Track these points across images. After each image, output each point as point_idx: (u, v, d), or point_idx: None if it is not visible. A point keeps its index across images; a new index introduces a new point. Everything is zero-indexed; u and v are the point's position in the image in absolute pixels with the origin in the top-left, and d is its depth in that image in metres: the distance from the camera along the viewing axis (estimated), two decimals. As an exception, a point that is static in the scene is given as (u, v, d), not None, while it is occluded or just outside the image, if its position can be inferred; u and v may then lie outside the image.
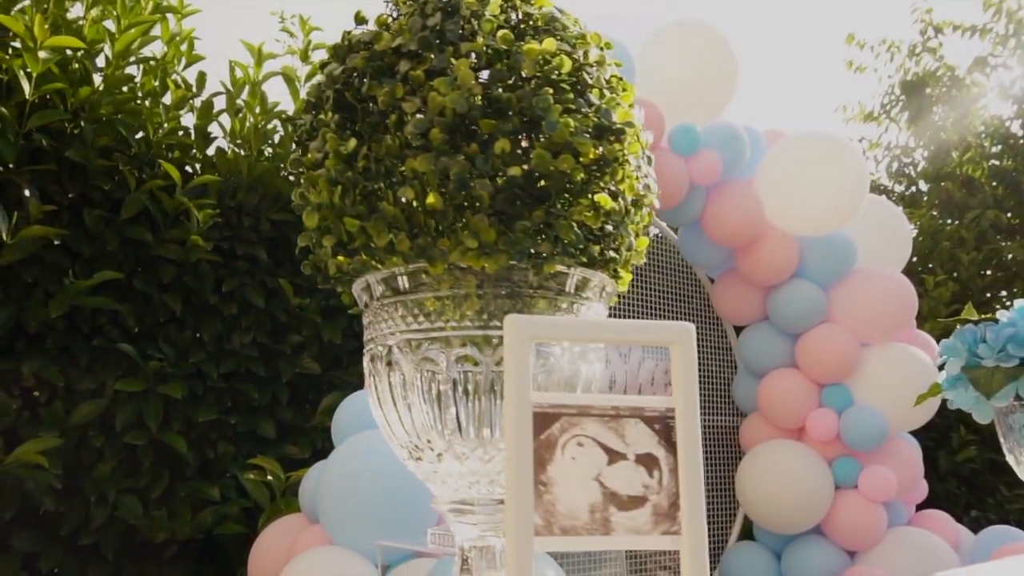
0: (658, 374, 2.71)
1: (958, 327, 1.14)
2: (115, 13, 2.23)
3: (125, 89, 2.29)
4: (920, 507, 2.79)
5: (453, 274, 0.60)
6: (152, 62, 2.37)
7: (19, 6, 2.11)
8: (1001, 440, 1.14)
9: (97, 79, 2.24)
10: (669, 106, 2.49)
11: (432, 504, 0.67)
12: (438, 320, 0.61)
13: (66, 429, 2.05)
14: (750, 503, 2.63)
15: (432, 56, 0.59)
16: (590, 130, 0.60)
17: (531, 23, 0.64)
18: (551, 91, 0.58)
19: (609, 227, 0.62)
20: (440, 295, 0.61)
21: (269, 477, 2.20)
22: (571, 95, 0.60)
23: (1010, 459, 1.13)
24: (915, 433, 2.73)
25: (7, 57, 2.04)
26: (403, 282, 0.62)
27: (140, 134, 2.31)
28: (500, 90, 0.58)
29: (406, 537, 1.62)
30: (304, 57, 2.68)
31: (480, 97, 0.58)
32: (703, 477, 0.58)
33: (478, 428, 0.63)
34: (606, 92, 0.63)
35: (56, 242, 2.10)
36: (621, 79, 0.66)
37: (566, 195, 0.59)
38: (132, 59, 2.30)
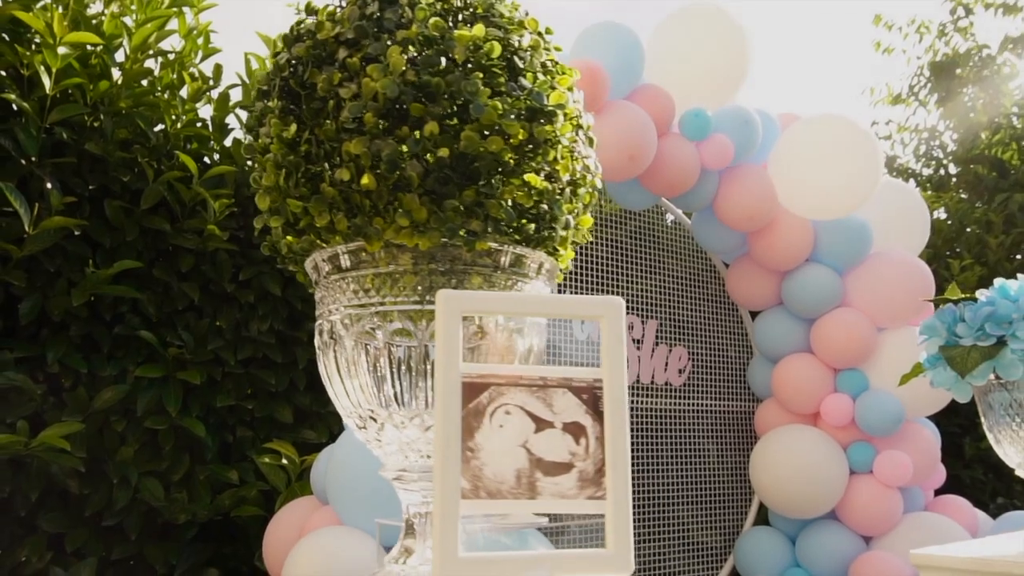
0: (671, 360, 2.72)
1: (939, 306, 1.14)
2: (132, 8, 2.28)
3: (144, 83, 2.35)
4: (946, 493, 2.77)
5: (390, 252, 0.62)
6: (170, 56, 2.42)
7: (40, 4, 2.17)
8: (982, 419, 1.14)
9: (116, 73, 2.29)
10: (680, 91, 2.49)
11: (380, 472, 0.70)
12: (376, 296, 0.64)
13: (89, 414, 2.11)
14: (764, 488, 2.64)
15: (368, 44, 0.61)
16: (523, 112, 0.62)
17: (471, 11, 0.66)
18: (481, 75, 0.61)
19: (544, 206, 0.64)
20: (379, 272, 0.64)
21: (284, 461, 2.25)
22: (503, 79, 0.62)
23: (990, 437, 1.13)
24: (940, 419, 2.70)
25: (28, 53, 2.10)
26: (345, 260, 0.65)
27: (159, 126, 2.36)
28: (430, 75, 0.60)
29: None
30: (320, 49, 2.71)
31: (413, 82, 0.60)
32: (629, 444, 0.60)
33: (416, 398, 0.65)
34: (540, 76, 0.65)
35: (77, 233, 2.17)
36: (558, 63, 0.68)
37: (498, 175, 0.61)
38: (150, 53, 2.35)
